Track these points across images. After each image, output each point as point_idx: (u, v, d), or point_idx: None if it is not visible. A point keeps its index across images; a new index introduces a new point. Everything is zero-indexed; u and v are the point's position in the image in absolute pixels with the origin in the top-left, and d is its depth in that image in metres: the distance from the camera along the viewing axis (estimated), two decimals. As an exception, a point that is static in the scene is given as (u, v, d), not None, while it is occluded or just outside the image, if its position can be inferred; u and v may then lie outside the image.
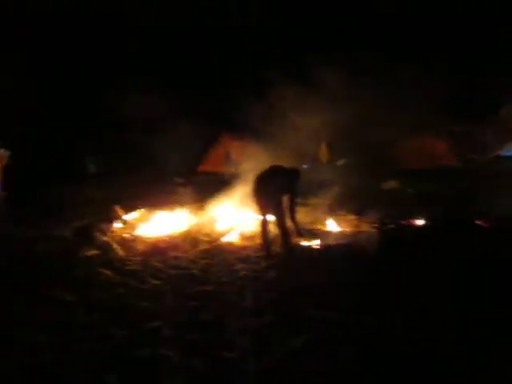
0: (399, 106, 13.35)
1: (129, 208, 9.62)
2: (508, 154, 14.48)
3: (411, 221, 7.71)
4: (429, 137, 13.90)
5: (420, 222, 7.61)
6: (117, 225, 8.45)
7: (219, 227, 8.22)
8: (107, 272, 5.76)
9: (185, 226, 8.39)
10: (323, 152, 14.63)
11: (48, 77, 15.99)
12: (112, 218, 8.70)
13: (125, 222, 8.70)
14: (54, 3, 15.89)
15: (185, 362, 3.54)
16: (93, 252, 6.59)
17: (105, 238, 7.18)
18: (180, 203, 9.85)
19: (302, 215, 8.30)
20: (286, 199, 6.34)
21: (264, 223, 6.45)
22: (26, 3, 15.47)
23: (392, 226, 7.44)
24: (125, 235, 7.92)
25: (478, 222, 7.30)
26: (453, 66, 13.72)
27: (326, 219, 8.14)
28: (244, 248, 6.95)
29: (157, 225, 8.51)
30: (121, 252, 6.73)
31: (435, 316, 4.15)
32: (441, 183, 10.82)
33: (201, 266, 6.13)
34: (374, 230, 7.21)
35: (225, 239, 7.47)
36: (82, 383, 3.27)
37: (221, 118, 16.19)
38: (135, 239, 7.75)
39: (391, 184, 11.40)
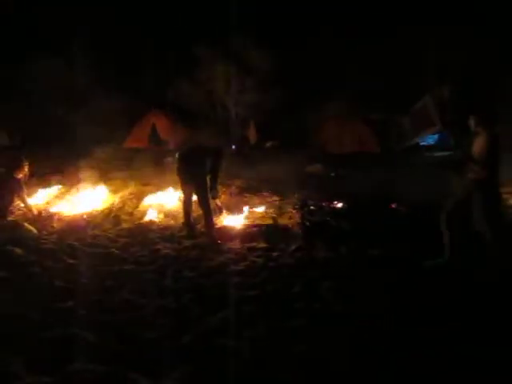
0: (326, 93, 13.71)
1: (45, 183, 9.11)
2: (425, 142, 15.47)
3: (331, 203, 7.99)
4: (353, 123, 14.41)
5: (339, 205, 7.90)
6: (31, 201, 7.96)
7: (142, 205, 8.03)
8: (18, 250, 5.42)
9: (105, 203, 8.10)
10: (251, 133, 14.69)
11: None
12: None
13: (40, 198, 8.23)
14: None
15: (99, 341, 3.45)
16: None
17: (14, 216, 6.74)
18: (102, 180, 9.48)
19: (227, 195, 8.35)
20: (208, 179, 6.29)
21: (187, 202, 6.38)
22: None
23: (313, 207, 7.66)
24: (39, 212, 7.51)
25: (393, 206, 7.72)
26: (378, 56, 14.24)
27: (250, 200, 8.22)
28: (167, 227, 6.85)
29: (75, 202, 8.13)
30: (34, 230, 6.36)
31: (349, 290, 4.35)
32: (362, 168, 11.28)
33: (120, 244, 5.97)
34: (295, 211, 7.40)
35: (148, 218, 7.31)
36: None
37: (148, 94, 15.70)
38: (51, 216, 7.38)
39: (315, 168, 11.69)
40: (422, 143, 14.80)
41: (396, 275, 4.70)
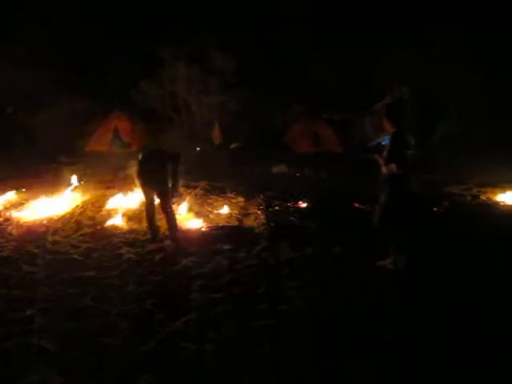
0: (289, 94, 13.82)
1: (3, 189, 8.82)
2: (387, 142, 15.81)
3: (296, 203, 8.07)
4: (316, 124, 14.56)
5: (304, 205, 7.99)
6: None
7: (105, 210, 7.87)
8: (-28, 259, 5.23)
9: (67, 208, 7.90)
10: (216, 135, 14.64)
11: None
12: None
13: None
14: None
15: (59, 351, 3.37)
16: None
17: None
18: (63, 184, 9.23)
19: (192, 197, 8.30)
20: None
21: (150, 206, 6.29)
22: None
23: (278, 208, 7.72)
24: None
25: (356, 205, 7.87)
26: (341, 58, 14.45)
27: (215, 201, 8.20)
28: (131, 231, 6.74)
29: (35, 207, 7.89)
30: (-10, 237, 6.15)
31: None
32: (326, 168, 11.43)
33: (82, 250, 5.82)
34: (260, 212, 7.43)
35: (111, 222, 7.17)
36: None
37: (110, 95, 15.40)
38: (9, 223, 7.14)
39: (280, 168, 11.78)
40: (383, 143, 15.13)
41: (359, 274, 4.79)
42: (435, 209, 7.63)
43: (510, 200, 7.98)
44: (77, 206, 8.01)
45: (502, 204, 7.85)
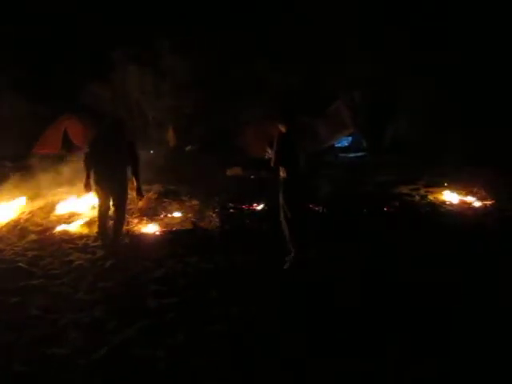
0: (240, 95, 13.81)
1: None
2: (339, 144, 16.18)
3: (251, 206, 8.10)
4: (270, 126, 14.60)
5: (259, 207, 8.03)
6: None
7: (54, 215, 7.60)
8: None
9: (11, 214, 7.56)
10: (170, 137, 14.45)
11: None
12: None
13: None
14: None
15: (3, 364, 3.22)
16: None
17: None
18: (9, 189, 8.83)
19: (145, 201, 8.14)
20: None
21: (104, 210, 6.06)
22: None
23: (232, 211, 7.72)
24: None
25: (310, 206, 7.96)
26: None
27: (169, 204, 8.09)
28: (81, 237, 6.53)
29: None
30: None
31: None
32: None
33: (29, 258, 5.58)
34: (215, 215, 7.40)
35: (60, 228, 6.92)
36: None
37: (60, 97, 14.86)
38: None
39: (236, 170, 11.78)
40: (336, 145, 15.45)
41: (315, 276, 4.84)
42: (385, 209, 7.87)
43: (454, 200, 8.36)
44: (23, 213, 7.69)
45: (448, 203, 8.21)
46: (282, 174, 5.12)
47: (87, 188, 5.76)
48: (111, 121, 6.04)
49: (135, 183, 5.76)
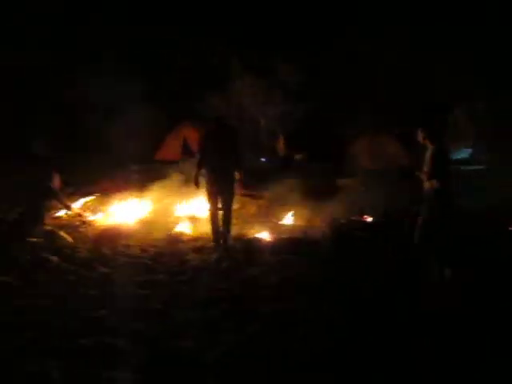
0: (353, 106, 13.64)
1: (80, 194, 9.37)
2: (460, 156, 15.13)
3: (361, 217, 7.93)
4: (382, 137, 14.17)
5: (369, 219, 7.83)
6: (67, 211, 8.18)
7: (174, 216, 8.15)
8: (54, 258, 5.58)
9: (138, 214, 8.26)
10: (281, 146, 14.71)
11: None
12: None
13: (76, 209, 8.45)
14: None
15: (130, 350, 3.50)
16: (37, 239, 6.27)
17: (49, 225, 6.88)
18: (134, 191, 9.66)
19: (256, 208, 8.39)
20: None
21: (214, 214, 6.42)
22: None
23: (343, 221, 7.61)
24: (76, 222, 7.73)
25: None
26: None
27: (279, 213, 8.22)
28: (198, 238, 6.93)
29: (109, 212, 8.33)
30: (69, 239, 6.54)
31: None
32: (392, 183, 11.09)
33: (152, 254, 6.07)
34: (326, 225, 7.35)
35: (179, 229, 7.41)
36: (23, 372, 3.15)
37: (180, 106, 15.96)
38: (86, 226, 7.58)
39: (346, 181, 11.60)
40: (455, 157, 14.47)
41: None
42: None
43: None
44: (147, 212, 8.36)
45: None
46: (433, 185, 4.74)
47: (196, 184, 6.38)
48: (226, 129, 6.43)
49: (240, 176, 6.32)
